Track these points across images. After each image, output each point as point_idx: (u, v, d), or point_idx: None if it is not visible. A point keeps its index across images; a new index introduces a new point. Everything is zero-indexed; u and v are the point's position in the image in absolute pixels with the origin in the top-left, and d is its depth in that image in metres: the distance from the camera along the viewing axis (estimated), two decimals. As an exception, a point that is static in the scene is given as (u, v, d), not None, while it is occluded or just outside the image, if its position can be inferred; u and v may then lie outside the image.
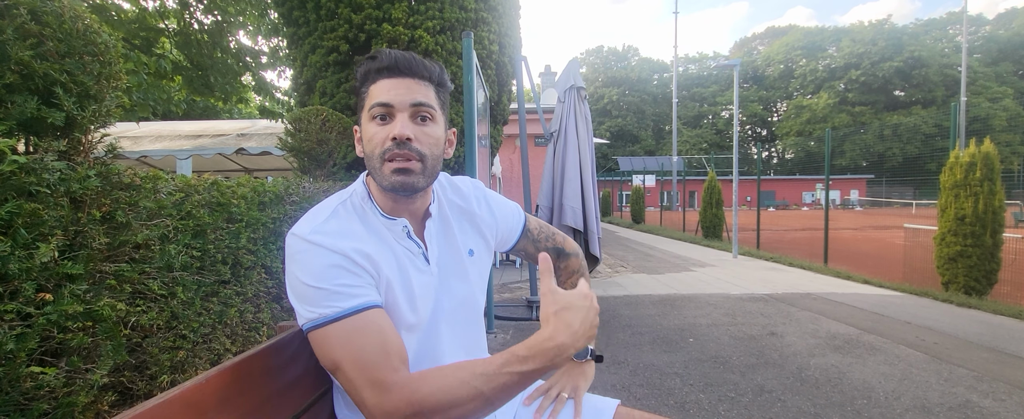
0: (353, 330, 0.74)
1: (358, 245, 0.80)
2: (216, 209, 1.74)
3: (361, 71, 0.86)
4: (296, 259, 0.78)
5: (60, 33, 1.09)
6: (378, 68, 0.84)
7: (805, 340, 3.75)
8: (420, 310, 0.87)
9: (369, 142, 0.85)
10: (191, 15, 6.15)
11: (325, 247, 0.78)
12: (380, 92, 0.83)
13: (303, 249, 0.78)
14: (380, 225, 0.87)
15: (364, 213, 0.87)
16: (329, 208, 0.85)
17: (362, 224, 0.85)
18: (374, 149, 0.83)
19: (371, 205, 0.88)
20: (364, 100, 0.86)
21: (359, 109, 0.88)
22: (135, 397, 1.32)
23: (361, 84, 0.86)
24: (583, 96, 4.72)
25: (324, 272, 0.76)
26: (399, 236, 0.88)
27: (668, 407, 2.59)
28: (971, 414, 2.49)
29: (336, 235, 0.80)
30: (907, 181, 39.11)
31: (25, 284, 0.93)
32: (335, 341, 0.74)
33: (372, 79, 0.85)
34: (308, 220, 0.82)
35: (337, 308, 0.75)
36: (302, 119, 3.37)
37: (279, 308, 2.23)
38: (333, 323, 0.74)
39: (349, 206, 0.87)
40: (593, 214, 4.57)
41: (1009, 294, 5.16)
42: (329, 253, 0.77)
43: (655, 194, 26.88)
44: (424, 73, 0.86)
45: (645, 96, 60.58)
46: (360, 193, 0.89)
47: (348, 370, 0.72)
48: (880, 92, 50.80)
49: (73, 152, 1.14)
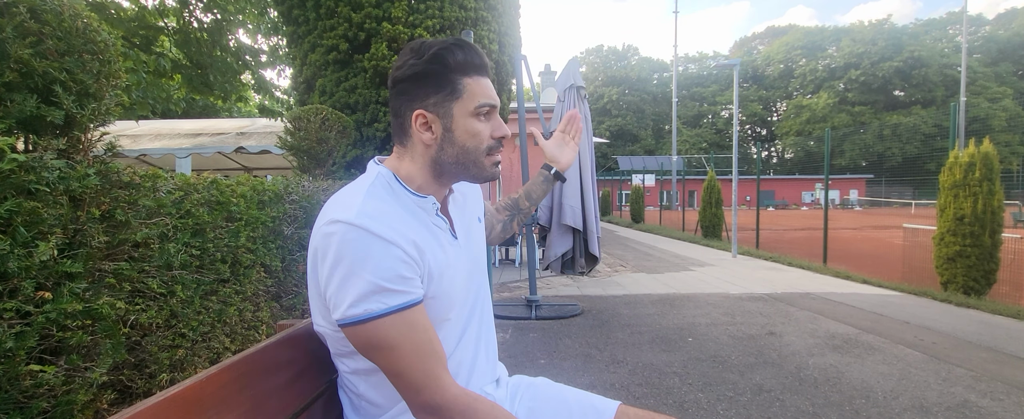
0: (405, 324, 0.76)
1: (408, 233, 0.80)
2: (215, 208, 1.74)
3: (450, 59, 0.85)
4: (346, 247, 0.75)
5: (59, 31, 1.09)
6: (476, 64, 0.87)
7: (804, 340, 3.75)
8: (458, 284, 0.90)
9: (474, 137, 0.88)
10: (191, 13, 6.15)
11: (379, 236, 0.76)
12: (483, 91, 0.88)
13: (354, 237, 0.75)
14: (413, 204, 0.88)
15: (395, 193, 0.87)
16: (361, 190, 0.83)
17: (398, 204, 0.85)
18: (480, 144, 0.88)
19: (400, 185, 0.88)
20: (459, 92, 0.86)
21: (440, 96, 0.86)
22: (134, 395, 1.32)
23: (449, 72, 0.85)
24: (583, 95, 4.72)
25: (381, 264, 0.75)
26: (430, 213, 0.89)
27: (667, 406, 2.60)
28: (969, 413, 2.49)
29: (384, 221, 0.78)
30: (906, 181, 39.15)
31: (24, 282, 0.93)
32: (388, 334, 0.75)
33: (467, 73, 0.87)
34: (345, 204, 0.79)
35: (390, 304, 0.75)
36: (302, 118, 3.37)
37: (278, 307, 2.23)
38: (386, 317, 0.75)
39: (378, 187, 0.86)
40: (592, 213, 4.57)
41: (1008, 294, 5.17)
42: (385, 244, 0.76)
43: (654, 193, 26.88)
44: None
45: (645, 95, 60.57)
46: (385, 175, 0.89)
47: (404, 363, 0.76)
48: (880, 92, 50.82)
49: (72, 150, 1.14)
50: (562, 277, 6.75)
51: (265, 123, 8.29)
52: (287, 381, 0.90)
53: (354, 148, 4.69)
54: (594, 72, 62.31)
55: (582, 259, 4.63)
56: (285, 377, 0.90)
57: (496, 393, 0.99)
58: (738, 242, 9.54)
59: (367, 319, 0.74)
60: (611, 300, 5.30)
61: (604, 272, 7.37)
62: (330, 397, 0.98)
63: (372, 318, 0.74)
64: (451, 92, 0.86)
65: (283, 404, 0.89)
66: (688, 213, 15.41)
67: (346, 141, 3.75)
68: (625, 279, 6.75)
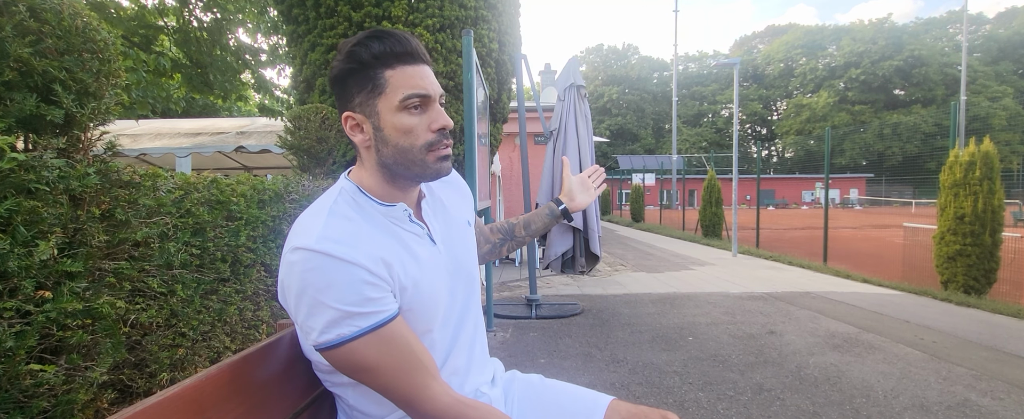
0: (382, 342, 0.73)
1: (372, 251, 0.76)
2: (215, 207, 1.74)
3: (365, 54, 0.78)
4: (308, 276, 0.72)
5: (59, 30, 1.09)
6: (397, 53, 0.79)
7: (804, 339, 3.75)
8: (437, 293, 0.86)
9: (406, 134, 0.80)
10: (190, 12, 6.14)
11: (341, 259, 0.72)
12: (408, 81, 0.79)
13: (315, 264, 0.71)
14: (379, 214, 0.83)
15: (360, 207, 0.83)
16: (323, 210, 0.79)
17: (364, 219, 0.81)
18: (414, 141, 0.80)
19: (365, 197, 0.84)
20: (382, 88, 0.79)
21: (364, 95, 0.80)
22: (134, 395, 1.32)
23: (367, 68, 0.79)
24: (583, 94, 4.71)
25: (344, 290, 0.71)
26: (401, 221, 0.85)
27: (667, 405, 2.59)
28: (970, 412, 2.49)
29: (346, 241, 0.74)
30: (907, 180, 39.14)
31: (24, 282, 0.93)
32: (366, 355, 0.73)
33: (387, 64, 0.79)
34: (306, 229, 0.76)
35: (362, 326, 0.72)
36: (302, 117, 3.37)
37: (279, 306, 2.23)
38: (360, 338, 0.72)
39: (342, 204, 0.81)
40: (593, 213, 4.57)
41: (1008, 293, 5.17)
42: (347, 267, 0.72)
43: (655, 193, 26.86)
44: (427, 57, 0.84)
45: (645, 94, 60.54)
46: (349, 189, 0.85)
47: (387, 380, 0.75)
48: (880, 91, 50.77)
49: (72, 149, 1.14)
50: (562, 276, 6.75)
51: (265, 122, 8.28)
52: (287, 381, 0.90)
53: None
54: (594, 71, 62.27)
55: (582, 258, 4.63)
56: (285, 377, 0.90)
57: (491, 392, 0.98)
58: (738, 241, 9.54)
59: (340, 343, 0.72)
60: (611, 299, 5.30)
61: (604, 271, 7.37)
62: (330, 398, 0.98)
63: (345, 341, 0.72)
64: (372, 88, 0.79)
65: (284, 403, 0.89)
66: (688, 212, 15.41)
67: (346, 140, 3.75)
68: (625, 278, 6.75)
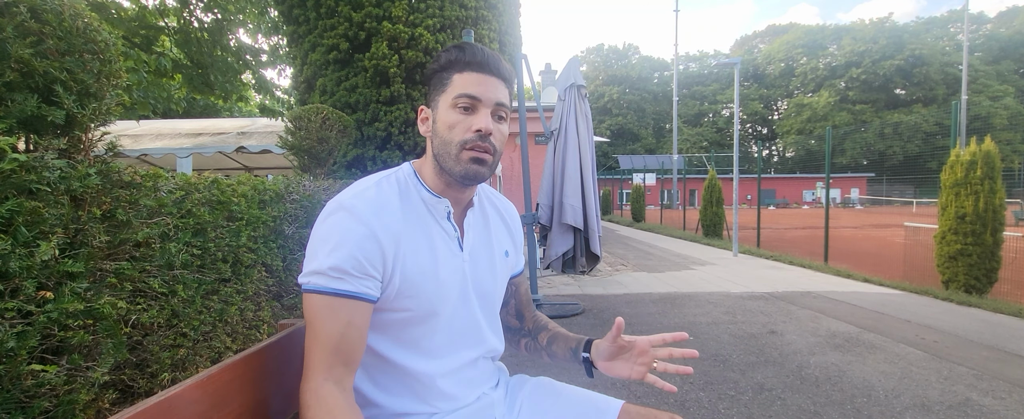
0: (329, 309, 0.78)
1: (392, 225, 0.82)
2: (216, 207, 1.74)
3: (445, 58, 0.88)
4: (326, 221, 0.81)
5: (60, 31, 1.09)
6: (467, 61, 0.86)
7: (805, 338, 3.75)
8: (444, 293, 0.88)
9: (450, 129, 0.86)
10: (191, 13, 6.14)
11: (358, 216, 0.80)
12: (467, 84, 0.86)
13: (337, 217, 0.80)
14: (421, 203, 0.89)
15: (407, 189, 0.89)
16: (373, 180, 0.88)
17: (400, 199, 0.87)
18: (454, 136, 0.86)
19: (417, 182, 0.90)
20: (446, 86, 0.87)
21: (434, 92, 0.90)
22: (136, 395, 1.32)
23: (443, 70, 0.88)
24: (583, 94, 4.71)
25: (346, 244, 0.78)
26: (439, 215, 0.90)
27: (667, 405, 2.59)
28: (971, 412, 2.49)
29: (372, 206, 0.82)
30: (907, 179, 39.06)
31: (26, 282, 0.93)
32: (310, 308, 0.79)
33: (458, 69, 0.87)
34: (351, 189, 0.86)
35: (328, 286, 0.77)
36: (302, 117, 3.37)
37: (280, 306, 2.23)
38: (319, 295, 0.78)
39: (392, 181, 0.89)
40: (593, 212, 4.57)
41: (1009, 293, 5.16)
42: (359, 224, 0.79)
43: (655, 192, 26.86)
44: (506, 74, 0.89)
45: (645, 94, 60.53)
46: (405, 171, 0.92)
47: (308, 341, 0.79)
48: (881, 90, 50.73)
49: (73, 150, 1.14)
50: (563, 276, 6.75)
51: (266, 123, 8.29)
52: (288, 381, 0.90)
53: (355, 147, 4.69)
54: (595, 71, 62.25)
55: (583, 258, 4.63)
56: (286, 377, 0.90)
57: (494, 394, 0.98)
58: (739, 241, 9.53)
59: (306, 290, 0.79)
60: (612, 299, 5.30)
61: (605, 271, 7.37)
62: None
63: (308, 290, 0.78)
64: (441, 86, 0.88)
65: (284, 404, 0.90)
66: (689, 212, 15.39)
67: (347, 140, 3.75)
68: (626, 278, 6.75)
